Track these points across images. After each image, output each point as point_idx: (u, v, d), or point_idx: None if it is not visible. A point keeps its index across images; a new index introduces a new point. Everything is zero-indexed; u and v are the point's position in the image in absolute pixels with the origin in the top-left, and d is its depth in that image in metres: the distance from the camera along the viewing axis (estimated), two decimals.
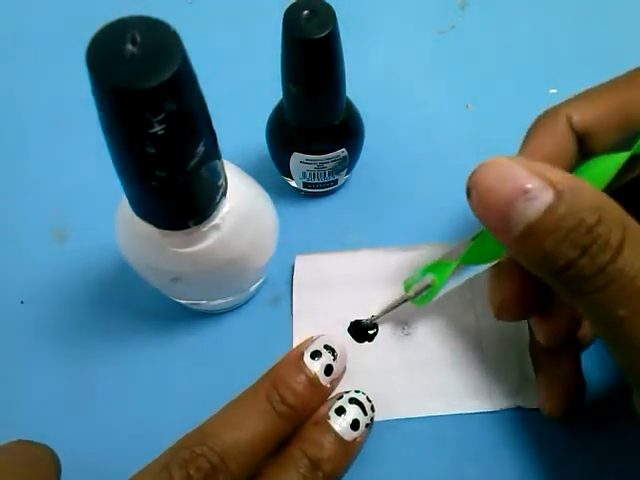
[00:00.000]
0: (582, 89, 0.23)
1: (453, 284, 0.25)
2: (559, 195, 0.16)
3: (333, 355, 0.24)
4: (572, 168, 0.22)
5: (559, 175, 0.17)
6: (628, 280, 0.16)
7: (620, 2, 0.39)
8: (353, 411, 0.24)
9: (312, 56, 0.22)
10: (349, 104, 0.28)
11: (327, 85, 0.24)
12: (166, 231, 0.20)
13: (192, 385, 0.27)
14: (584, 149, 0.22)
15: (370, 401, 0.24)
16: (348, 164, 0.29)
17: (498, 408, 0.26)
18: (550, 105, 0.23)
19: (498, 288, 0.23)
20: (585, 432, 0.26)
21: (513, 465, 0.26)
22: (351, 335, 0.28)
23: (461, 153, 0.33)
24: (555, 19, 0.39)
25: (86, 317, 0.29)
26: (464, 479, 0.26)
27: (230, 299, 0.27)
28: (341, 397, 0.24)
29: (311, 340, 0.25)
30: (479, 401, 0.27)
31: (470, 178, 0.18)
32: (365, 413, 0.24)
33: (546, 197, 0.16)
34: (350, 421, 0.23)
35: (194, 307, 0.27)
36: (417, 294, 0.25)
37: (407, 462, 0.26)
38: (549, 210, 0.16)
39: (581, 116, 0.21)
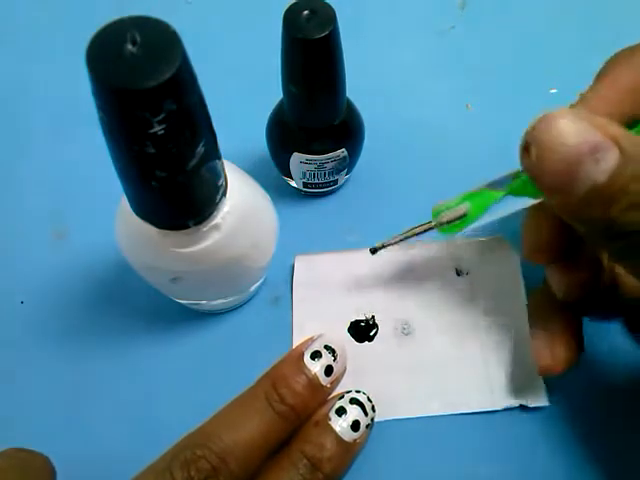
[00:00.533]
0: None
1: (489, 218, 0.22)
2: (624, 155, 0.16)
3: (333, 356, 0.24)
4: None
5: (624, 134, 0.16)
6: None
7: (620, 1, 0.39)
8: (354, 412, 0.24)
9: (312, 56, 0.22)
10: (349, 104, 0.28)
11: (327, 85, 0.24)
12: (166, 231, 0.20)
13: (192, 385, 0.27)
14: None
15: (371, 401, 0.24)
16: (348, 164, 0.29)
17: (499, 407, 0.26)
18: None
19: (535, 228, 0.22)
20: (588, 431, 0.26)
21: (514, 464, 0.26)
22: (351, 335, 0.28)
23: (461, 153, 0.33)
24: (555, 19, 0.39)
25: (86, 317, 0.29)
26: (465, 479, 0.26)
27: (230, 299, 0.27)
28: (342, 397, 0.24)
29: (311, 340, 0.25)
30: (480, 401, 0.27)
31: (529, 133, 0.17)
32: (366, 414, 0.24)
33: (613, 157, 0.16)
34: (350, 422, 0.23)
35: (194, 307, 0.27)
36: (449, 222, 0.23)
37: (407, 462, 0.26)
38: (617, 171, 0.16)
39: None
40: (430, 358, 0.27)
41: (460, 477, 0.26)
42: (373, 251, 0.25)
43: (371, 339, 0.28)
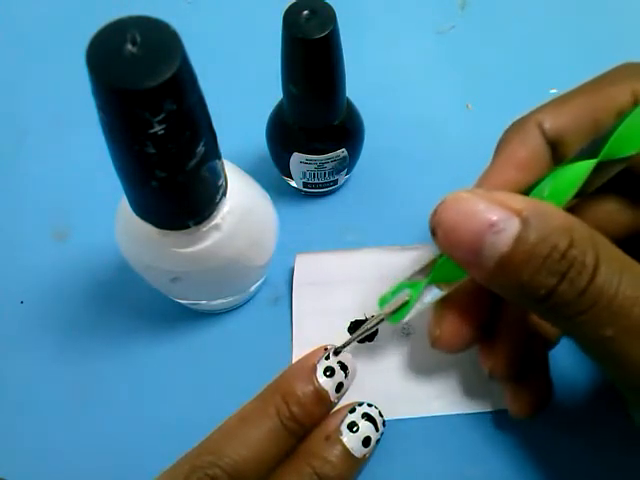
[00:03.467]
0: None
1: (428, 300, 0.23)
2: (525, 222, 0.16)
3: (345, 373, 0.24)
4: (546, 175, 0.21)
5: (521, 201, 0.17)
6: (610, 298, 0.16)
7: (620, 2, 0.39)
8: (365, 428, 0.23)
9: (312, 56, 0.22)
10: (349, 104, 0.28)
11: (327, 85, 0.24)
12: (166, 231, 0.20)
13: (192, 385, 0.27)
14: (556, 155, 0.22)
15: (382, 416, 0.24)
16: (348, 164, 0.29)
17: (498, 408, 0.26)
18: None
19: (436, 321, 0.23)
20: (585, 432, 0.26)
21: (513, 465, 0.26)
22: (351, 335, 0.28)
23: (461, 153, 0.33)
24: (555, 19, 0.39)
25: (86, 317, 0.29)
26: (464, 479, 0.26)
27: (230, 299, 0.27)
28: (353, 410, 0.24)
29: (323, 352, 0.24)
30: (479, 401, 0.27)
31: (433, 217, 0.18)
32: (377, 429, 0.23)
33: (513, 226, 0.16)
34: (362, 438, 0.23)
35: (194, 307, 0.27)
36: (394, 310, 0.24)
37: (406, 462, 0.26)
38: (519, 240, 0.16)
39: (552, 122, 0.21)
40: (430, 359, 0.27)
41: (460, 477, 0.26)
42: (336, 353, 0.25)
43: (371, 339, 0.28)
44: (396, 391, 0.27)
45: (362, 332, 0.25)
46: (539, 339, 0.24)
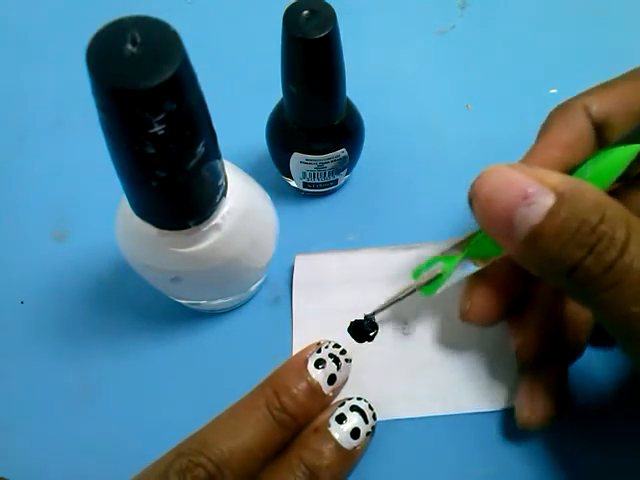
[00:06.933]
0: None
1: (460, 275, 0.24)
2: (560, 197, 0.17)
3: (337, 365, 0.24)
4: (589, 157, 0.22)
5: (559, 178, 0.17)
6: (639, 275, 0.16)
7: (620, 2, 0.39)
8: (354, 419, 0.23)
9: (312, 56, 0.22)
10: (349, 104, 0.28)
11: (327, 85, 0.24)
12: (166, 231, 0.20)
13: (192, 385, 0.27)
14: (601, 139, 0.22)
15: (372, 409, 0.24)
16: (348, 164, 0.29)
17: (498, 408, 0.26)
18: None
19: (468, 294, 0.24)
20: (587, 431, 0.26)
21: (513, 465, 0.26)
22: (351, 335, 0.28)
23: (461, 153, 0.33)
24: (555, 19, 0.39)
25: (86, 317, 0.29)
26: (464, 479, 0.26)
27: (230, 299, 0.27)
28: (343, 404, 0.24)
29: (315, 347, 0.25)
30: (479, 401, 0.27)
31: (471, 188, 0.19)
32: (366, 421, 0.24)
33: (547, 200, 0.17)
34: (350, 429, 0.23)
35: (194, 307, 0.27)
36: (426, 282, 0.25)
37: (407, 462, 0.26)
38: (551, 213, 0.17)
39: (599, 105, 0.21)
40: (430, 358, 0.27)
41: (460, 477, 0.26)
42: (366, 319, 0.27)
43: (371, 339, 0.28)
44: (396, 391, 0.27)
45: (392, 301, 0.25)
46: (571, 328, 0.24)
